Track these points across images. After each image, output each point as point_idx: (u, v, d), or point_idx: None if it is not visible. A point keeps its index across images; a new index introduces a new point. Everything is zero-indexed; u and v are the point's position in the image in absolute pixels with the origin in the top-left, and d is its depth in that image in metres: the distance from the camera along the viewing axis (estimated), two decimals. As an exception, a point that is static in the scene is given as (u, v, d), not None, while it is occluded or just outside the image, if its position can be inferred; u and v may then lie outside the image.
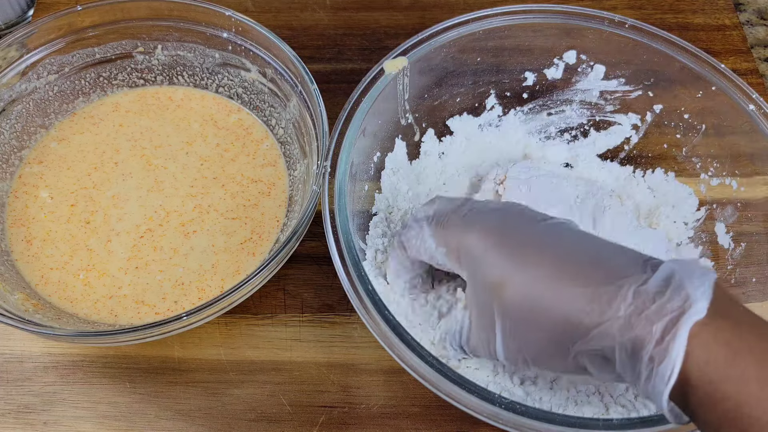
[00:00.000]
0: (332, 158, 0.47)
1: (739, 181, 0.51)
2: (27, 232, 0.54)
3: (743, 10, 0.73)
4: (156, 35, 0.59)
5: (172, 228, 0.54)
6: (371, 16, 0.70)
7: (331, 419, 0.48)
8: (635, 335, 0.32)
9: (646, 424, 0.37)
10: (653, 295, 0.32)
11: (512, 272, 0.36)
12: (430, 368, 0.39)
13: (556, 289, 0.35)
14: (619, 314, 0.32)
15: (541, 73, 0.56)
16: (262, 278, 0.46)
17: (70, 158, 0.57)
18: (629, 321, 0.32)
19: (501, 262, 0.37)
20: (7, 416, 0.48)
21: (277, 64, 0.56)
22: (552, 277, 0.35)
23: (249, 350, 0.50)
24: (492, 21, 0.53)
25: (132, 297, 0.51)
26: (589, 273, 0.35)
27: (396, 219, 0.51)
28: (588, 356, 0.35)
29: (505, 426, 0.38)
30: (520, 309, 0.36)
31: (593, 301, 0.33)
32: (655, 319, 0.32)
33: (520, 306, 0.36)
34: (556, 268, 0.35)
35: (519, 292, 0.36)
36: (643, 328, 0.32)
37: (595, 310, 0.33)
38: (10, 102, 0.56)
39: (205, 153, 0.58)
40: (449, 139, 0.57)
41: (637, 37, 0.52)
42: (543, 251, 0.36)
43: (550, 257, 0.36)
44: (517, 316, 0.36)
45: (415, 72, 0.52)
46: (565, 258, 0.36)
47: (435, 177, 0.55)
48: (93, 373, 0.49)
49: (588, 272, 0.35)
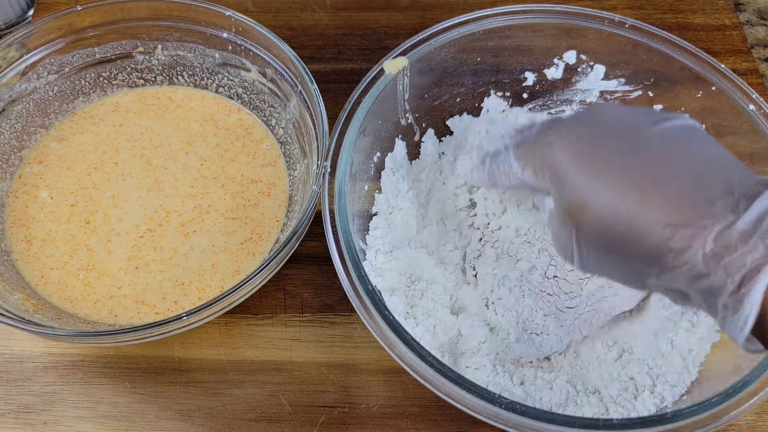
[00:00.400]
0: (332, 158, 0.47)
1: (739, 181, 0.51)
2: (27, 232, 0.54)
3: (743, 10, 0.72)
4: (156, 35, 0.59)
5: (172, 228, 0.54)
6: (371, 16, 0.70)
7: (331, 419, 0.48)
8: (711, 282, 0.31)
9: (646, 424, 0.37)
10: (736, 242, 0.30)
11: (592, 197, 0.34)
12: (430, 368, 0.39)
13: (637, 220, 0.32)
14: (698, 259, 0.31)
15: (541, 73, 0.56)
16: (262, 278, 0.46)
17: (70, 158, 0.57)
18: (707, 266, 0.31)
19: (581, 182, 0.34)
20: (7, 416, 0.48)
21: (277, 64, 0.56)
22: (634, 204, 0.33)
23: (249, 350, 0.51)
24: (492, 21, 0.53)
25: (132, 297, 0.51)
26: (675, 203, 0.32)
27: (396, 220, 0.51)
28: (665, 289, 0.34)
29: (505, 426, 0.38)
30: (596, 237, 0.34)
31: (675, 239, 0.31)
32: (732, 271, 0.30)
33: (598, 234, 0.34)
34: (641, 193, 0.33)
35: (597, 220, 0.34)
36: (719, 278, 0.30)
37: (674, 249, 0.31)
38: (10, 102, 0.56)
39: (205, 153, 0.58)
40: (449, 139, 0.57)
41: (637, 37, 0.52)
42: (629, 170, 0.33)
43: (637, 177, 0.33)
44: (594, 242, 0.34)
45: (415, 72, 0.52)
46: (653, 179, 0.33)
47: (435, 177, 0.55)
48: (93, 373, 0.49)
49: (675, 202, 0.32)
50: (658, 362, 0.46)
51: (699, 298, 0.32)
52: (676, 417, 0.38)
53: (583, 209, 0.34)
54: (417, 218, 0.52)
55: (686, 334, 0.47)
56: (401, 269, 0.49)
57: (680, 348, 0.47)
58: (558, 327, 0.48)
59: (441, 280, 0.50)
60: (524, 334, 0.48)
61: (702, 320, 0.47)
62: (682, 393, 0.45)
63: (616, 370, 0.47)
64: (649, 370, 0.46)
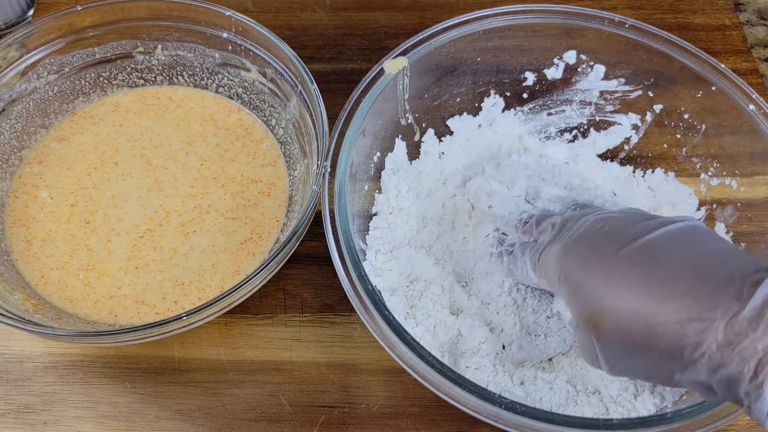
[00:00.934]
0: (332, 158, 0.47)
1: (739, 181, 0.51)
2: (27, 232, 0.54)
3: (743, 10, 0.73)
4: (156, 35, 0.59)
5: (172, 228, 0.54)
6: (371, 16, 0.70)
7: (331, 419, 0.48)
8: (729, 372, 0.32)
9: (646, 424, 0.37)
10: (746, 329, 0.31)
11: (606, 306, 0.36)
12: (430, 368, 0.39)
13: (652, 320, 0.34)
14: (713, 350, 0.32)
15: (541, 73, 0.56)
16: (262, 278, 0.46)
17: (70, 158, 0.57)
18: (722, 356, 0.32)
19: (596, 292, 0.37)
20: (7, 416, 0.48)
21: (277, 64, 0.56)
22: (646, 306, 0.34)
23: (249, 350, 0.50)
24: (492, 21, 0.53)
25: (132, 297, 0.51)
26: (683, 300, 0.34)
27: (396, 220, 0.51)
28: (693, 383, 0.34)
29: (505, 426, 0.38)
30: (617, 342, 0.36)
31: (689, 334, 0.33)
32: (747, 357, 0.31)
33: (618, 339, 0.36)
34: (651, 295, 0.35)
35: (614, 326, 0.36)
36: (736, 366, 0.31)
37: (690, 343, 0.33)
38: (10, 102, 0.56)
39: (205, 153, 0.58)
40: (449, 139, 0.57)
41: (637, 37, 0.52)
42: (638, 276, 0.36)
43: (646, 281, 0.35)
44: (616, 346, 0.36)
45: (415, 72, 0.52)
46: (660, 281, 0.35)
47: (435, 177, 0.55)
48: (93, 373, 0.49)
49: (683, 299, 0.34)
50: (658, 362, 0.46)
51: (722, 389, 0.33)
52: (676, 417, 0.38)
53: (601, 317, 0.36)
54: (417, 218, 0.52)
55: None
56: (401, 269, 0.49)
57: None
58: (561, 328, 0.48)
59: (440, 281, 0.50)
60: (527, 338, 0.48)
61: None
62: (682, 393, 0.45)
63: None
64: (649, 370, 0.46)
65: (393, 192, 0.52)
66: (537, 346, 0.48)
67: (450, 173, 0.56)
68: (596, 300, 0.37)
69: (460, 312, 0.50)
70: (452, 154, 0.56)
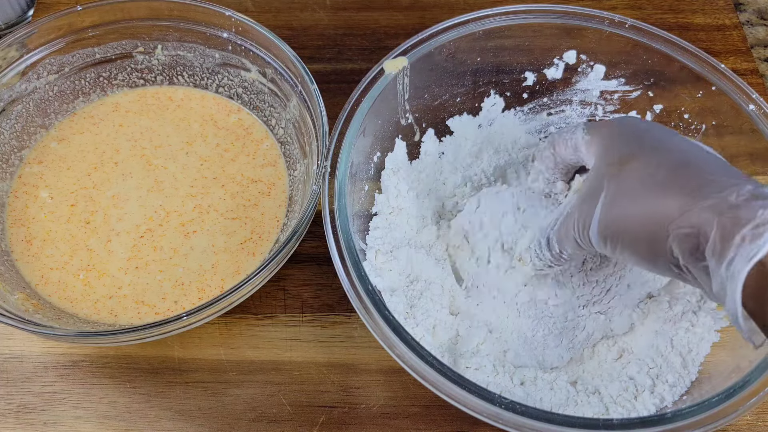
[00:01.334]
0: (332, 158, 0.47)
1: (739, 181, 0.51)
2: (27, 232, 0.54)
3: (743, 10, 0.72)
4: (156, 35, 0.59)
5: (172, 228, 0.54)
6: (371, 16, 0.70)
7: (331, 419, 0.48)
8: (739, 214, 0.33)
9: (646, 424, 0.37)
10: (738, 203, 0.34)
11: (641, 154, 0.40)
12: (430, 368, 0.39)
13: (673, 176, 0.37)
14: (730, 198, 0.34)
15: (541, 73, 0.56)
16: (262, 278, 0.46)
17: (70, 158, 0.57)
18: (737, 203, 0.33)
19: (635, 145, 0.41)
20: (7, 416, 0.48)
21: (277, 64, 0.56)
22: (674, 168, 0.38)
23: (249, 350, 0.51)
24: (492, 21, 0.53)
25: (132, 297, 0.51)
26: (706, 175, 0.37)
27: (396, 220, 0.51)
28: (680, 239, 0.35)
29: (505, 426, 0.38)
30: (633, 180, 0.39)
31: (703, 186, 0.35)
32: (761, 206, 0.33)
33: (635, 177, 0.38)
34: (681, 163, 0.38)
35: (640, 167, 0.39)
36: (749, 211, 0.33)
37: (702, 193, 0.35)
38: (10, 102, 0.56)
39: (205, 153, 0.58)
40: (449, 139, 0.57)
41: (637, 37, 0.52)
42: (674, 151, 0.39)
43: (679, 156, 0.39)
44: (627, 185, 0.39)
45: (415, 72, 0.52)
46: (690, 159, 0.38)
47: (435, 177, 0.55)
48: (93, 373, 0.49)
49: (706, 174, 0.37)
50: (657, 362, 0.46)
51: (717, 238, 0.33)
52: (676, 417, 0.38)
53: (629, 160, 0.40)
54: (417, 218, 0.52)
55: (686, 334, 0.47)
56: (401, 269, 0.49)
57: (680, 348, 0.47)
58: (558, 344, 0.48)
59: (440, 281, 0.50)
60: (524, 347, 0.48)
61: (702, 320, 0.47)
62: (682, 393, 0.45)
63: (616, 370, 0.47)
64: (649, 370, 0.46)
65: (393, 192, 0.52)
66: (535, 356, 0.48)
67: (450, 173, 0.56)
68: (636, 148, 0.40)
69: (459, 312, 0.49)
70: (452, 154, 0.56)
